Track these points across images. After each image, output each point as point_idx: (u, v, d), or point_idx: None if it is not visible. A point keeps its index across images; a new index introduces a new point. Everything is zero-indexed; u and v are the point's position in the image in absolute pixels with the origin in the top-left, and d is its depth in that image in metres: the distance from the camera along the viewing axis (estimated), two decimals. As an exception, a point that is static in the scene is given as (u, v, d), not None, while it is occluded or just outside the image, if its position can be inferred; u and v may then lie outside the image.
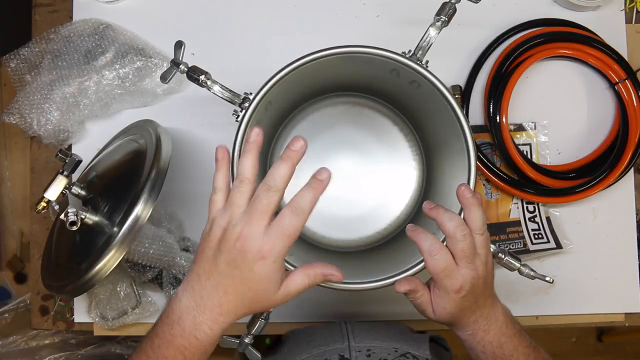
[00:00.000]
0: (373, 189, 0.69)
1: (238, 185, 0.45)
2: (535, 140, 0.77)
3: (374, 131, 0.69)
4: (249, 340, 0.56)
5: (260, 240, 0.43)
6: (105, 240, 0.55)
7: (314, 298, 0.77)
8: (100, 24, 0.76)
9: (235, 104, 0.57)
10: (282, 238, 0.43)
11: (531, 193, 0.74)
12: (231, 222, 0.44)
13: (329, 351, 0.59)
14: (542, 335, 0.63)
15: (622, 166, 0.73)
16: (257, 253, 0.43)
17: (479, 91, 0.77)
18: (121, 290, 0.74)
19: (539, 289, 0.77)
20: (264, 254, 0.43)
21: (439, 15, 0.58)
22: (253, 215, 0.43)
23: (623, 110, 0.75)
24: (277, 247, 0.43)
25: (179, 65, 0.59)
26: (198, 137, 0.78)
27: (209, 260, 0.45)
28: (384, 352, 0.57)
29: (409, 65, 0.56)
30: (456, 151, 0.59)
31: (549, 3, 0.78)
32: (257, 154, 0.45)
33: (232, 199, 0.45)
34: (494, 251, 0.56)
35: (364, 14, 0.78)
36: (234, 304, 0.45)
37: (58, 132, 0.75)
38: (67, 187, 0.59)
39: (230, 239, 0.44)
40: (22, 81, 0.76)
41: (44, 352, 1.24)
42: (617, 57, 0.74)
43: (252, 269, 0.44)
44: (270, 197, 0.43)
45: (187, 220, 0.77)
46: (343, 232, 0.69)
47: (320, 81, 0.65)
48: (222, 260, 0.44)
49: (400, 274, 0.55)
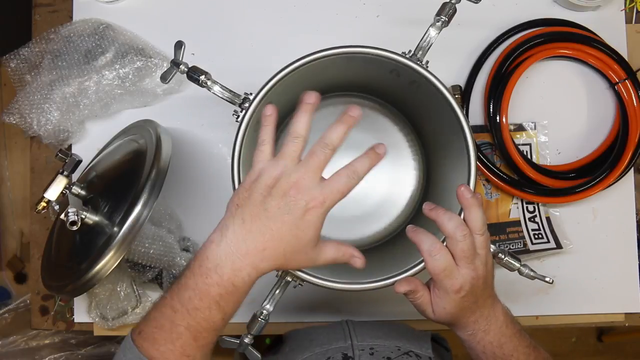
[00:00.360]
0: (373, 189, 0.69)
1: (292, 140, 0.47)
2: (535, 140, 0.77)
3: (374, 131, 0.69)
4: (249, 340, 0.56)
5: (314, 191, 0.45)
6: (105, 240, 0.55)
7: (314, 298, 0.77)
8: (100, 24, 0.76)
9: (235, 104, 0.57)
10: (335, 193, 0.46)
11: (531, 193, 0.74)
12: (286, 172, 0.46)
13: (332, 350, 0.59)
14: (542, 335, 0.63)
15: (622, 166, 0.73)
16: (311, 201, 0.45)
17: (479, 91, 0.77)
18: (121, 290, 0.74)
19: (539, 289, 0.77)
20: (317, 204, 0.45)
21: (439, 15, 0.58)
22: (310, 167, 0.46)
23: (623, 110, 0.75)
24: (329, 200, 0.45)
25: (179, 66, 0.59)
26: (198, 137, 0.78)
27: (256, 204, 0.46)
28: (387, 351, 0.57)
29: (409, 65, 0.56)
30: (456, 151, 0.59)
31: (549, 3, 0.78)
32: (311, 114, 0.47)
33: (286, 151, 0.47)
34: (493, 251, 0.56)
35: (364, 14, 0.78)
36: (276, 251, 0.46)
37: (58, 132, 0.75)
38: (67, 187, 0.59)
39: (283, 186, 0.45)
40: (22, 81, 0.76)
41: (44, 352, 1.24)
42: (617, 57, 0.74)
43: (303, 216, 0.45)
44: (327, 154, 0.46)
45: (187, 220, 0.77)
46: (343, 232, 0.69)
47: (320, 81, 0.65)
48: (273, 205, 0.45)
49: (400, 274, 0.55)
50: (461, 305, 0.51)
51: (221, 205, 0.49)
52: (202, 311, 0.45)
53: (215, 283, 0.45)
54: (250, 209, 0.46)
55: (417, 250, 0.51)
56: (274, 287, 0.57)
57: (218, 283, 0.45)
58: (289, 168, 0.46)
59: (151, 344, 0.46)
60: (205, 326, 0.46)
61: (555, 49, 0.75)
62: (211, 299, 0.45)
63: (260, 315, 0.56)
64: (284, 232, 0.45)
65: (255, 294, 0.49)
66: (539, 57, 0.74)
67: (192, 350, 0.46)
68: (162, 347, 0.45)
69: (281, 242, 0.45)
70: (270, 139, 0.49)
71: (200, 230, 0.77)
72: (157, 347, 0.45)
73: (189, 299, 0.45)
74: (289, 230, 0.45)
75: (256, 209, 0.45)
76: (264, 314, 0.56)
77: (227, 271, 0.45)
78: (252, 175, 0.47)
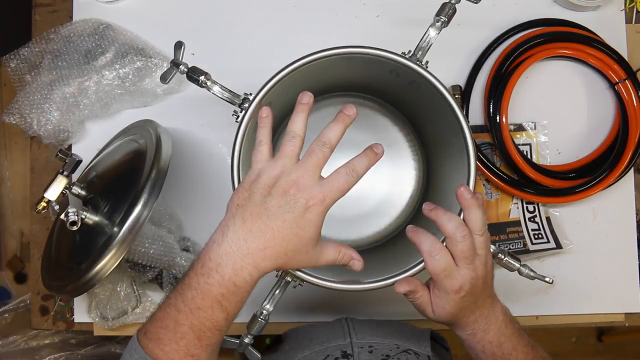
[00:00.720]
0: (373, 189, 0.69)
1: (290, 139, 0.47)
2: (535, 140, 0.77)
3: (374, 131, 0.69)
4: (249, 340, 0.57)
5: (314, 189, 0.45)
6: (105, 240, 0.55)
7: (314, 298, 0.77)
8: (100, 24, 0.76)
9: (235, 104, 0.57)
10: (334, 190, 0.46)
11: (531, 193, 0.74)
12: (285, 171, 0.46)
13: (331, 347, 0.59)
14: (542, 335, 0.63)
15: (622, 166, 0.73)
16: (311, 199, 0.45)
17: (479, 91, 0.77)
18: (121, 290, 0.74)
19: (539, 289, 0.77)
20: (317, 201, 0.45)
21: (439, 15, 0.58)
22: (308, 166, 0.46)
23: (623, 110, 0.75)
24: (329, 198, 0.46)
25: (179, 66, 0.59)
26: (198, 137, 0.78)
27: (256, 204, 0.46)
28: (386, 349, 0.57)
29: (409, 65, 0.56)
30: (456, 151, 0.59)
31: (549, 3, 0.78)
32: (308, 114, 0.48)
33: (284, 151, 0.47)
34: (493, 251, 0.56)
35: (364, 14, 0.78)
36: (277, 250, 0.46)
37: (58, 132, 0.75)
38: (67, 187, 0.59)
39: (283, 185, 0.46)
40: (22, 81, 0.76)
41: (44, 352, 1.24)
42: (617, 57, 0.74)
43: (303, 214, 0.45)
44: (325, 152, 0.47)
45: (187, 220, 0.77)
46: (343, 232, 0.69)
47: (320, 81, 0.65)
48: (273, 204, 0.45)
49: (400, 274, 0.55)
50: (461, 305, 0.51)
51: (221, 205, 0.49)
52: (205, 311, 0.45)
53: (216, 282, 0.45)
54: (250, 209, 0.46)
55: (416, 250, 0.51)
56: (274, 287, 0.57)
57: (220, 282, 0.45)
58: (288, 167, 0.46)
59: (156, 344, 0.46)
60: (209, 326, 0.46)
61: (555, 49, 0.75)
62: (213, 299, 0.45)
63: (260, 315, 0.56)
64: (285, 231, 0.45)
65: (256, 294, 0.49)
66: (539, 57, 0.74)
67: (196, 350, 0.46)
68: (166, 347, 0.45)
69: (282, 240, 0.46)
70: (267, 139, 0.49)
71: (200, 230, 0.77)
72: (161, 347, 0.46)
73: (192, 298, 0.45)
74: (289, 228, 0.45)
75: (257, 209, 0.46)
76: (264, 314, 0.56)
77: (229, 271, 0.45)
78: (251, 176, 0.47)
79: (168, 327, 0.46)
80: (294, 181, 0.45)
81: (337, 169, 0.47)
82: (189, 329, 0.45)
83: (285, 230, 0.45)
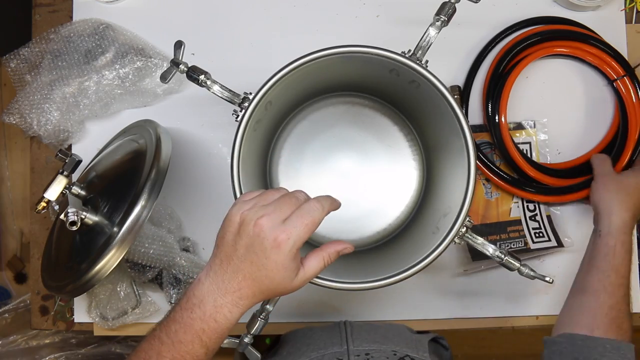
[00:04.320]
0: (373, 188, 0.69)
1: (273, 189, 0.48)
2: (535, 139, 0.77)
3: (374, 131, 0.69)
4: (249, 340, 0.57)
5: (277, 228, 0.44)
6: (105, 240, 0.55)
7: (314, 298, 0.77)
8: (100, 24, 0.76)
9: (235, 103, 0.57)
10: (298, 227, 0.44)
11: (531, 192, 0.74)
12: (252, 209, 0.45)
13: (328, 355, 0.59)
14: (542, 335, 0.63)
15: (623, 163, 0.73)
16: (273, 240, 0.44)
17: (477, 90, 0.77)
18: (121, 290, 0.74)
19: (539, 289, 0.77)
20: (280, 241, 0.44)
21: (439, 15, 0.58)
22: (276, 206, 0.45)
23: (622, 107, 0.75)
24: (294, 236, 0.44)
25: (178, 65, 0.59)
26: (198, 137, 0.78)
27: (229, 244, 0.46)
28: (383, 356, 0.57)
29: (409, 65, 0.56)
30: (456, 151, 0.59)
31: (549, 3, 0.78)
32: (322, 215, 0.47)
33: (263, 194, 0.47)
34: (493, 252, 0.56)
35: (364, 14, 0.78)
36: (252, 289, 0.46)
37: (58, 132, 0.75)
38: (67, 187, 0.59)
39: (249, 224, 0.45)
40: (22, 81, 0.77)
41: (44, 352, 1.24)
42: (615, 54, 0.74)
43: (269, 256, 0.44)
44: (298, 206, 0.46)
45: (187, 220, 0.77)
46: (343, 232, 0.69)
47: (320, 81, 0.65)
48: (241, 244, 0.45)
49: (400, 273, 0.55)
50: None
51: (221, 205, 0.49)
52: (186, 345, 0.46)
53: (198, 317, 0.46)
54: (224, 250, 0.46)
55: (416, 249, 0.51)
56: (274, 286, 0.57)
57: (201, 318, 0.46)
58: (257, 206, 0.46)
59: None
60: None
61: (552, 48, 0.75)
62: (194, 333, 0.46)
63: (260, 315, 0.56)
64: (255, 273, 0.45)
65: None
66: (537, 56, 0.74)
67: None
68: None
69: (254, 281, 0.46)
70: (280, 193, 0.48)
71: (200, 230, 0.77)
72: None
73: (175, 332, 0.46)
74: (257, 270, 0.45)
75: (229, 249, 0.46)
76: (263, 313, 0.56)
77: (210, 307, 0.46)
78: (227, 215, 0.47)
79: (151, 359, 0.47)
80: (257, 220, 0.45)
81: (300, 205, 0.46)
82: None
83: (255, 273, 0.45)
